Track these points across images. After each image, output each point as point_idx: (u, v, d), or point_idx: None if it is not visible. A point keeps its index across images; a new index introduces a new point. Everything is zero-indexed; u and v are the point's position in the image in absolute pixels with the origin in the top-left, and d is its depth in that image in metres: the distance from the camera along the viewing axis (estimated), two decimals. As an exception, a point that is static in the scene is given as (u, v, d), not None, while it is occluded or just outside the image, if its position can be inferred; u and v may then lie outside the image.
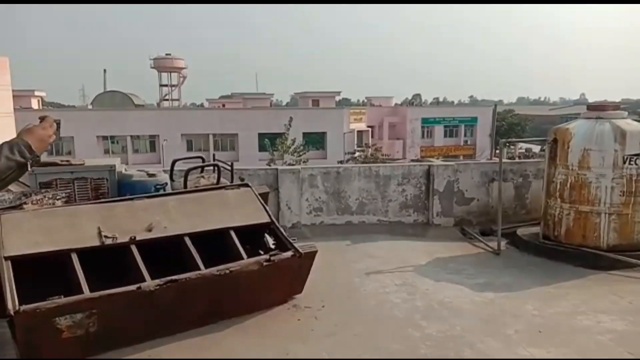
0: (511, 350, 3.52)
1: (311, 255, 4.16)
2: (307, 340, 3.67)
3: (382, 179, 6.81)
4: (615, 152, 5.21)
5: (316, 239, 6.02)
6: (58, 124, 2.04)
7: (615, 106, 5.68)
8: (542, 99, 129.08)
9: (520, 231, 6.21)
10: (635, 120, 5.71)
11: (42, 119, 2.03)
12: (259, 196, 4.38)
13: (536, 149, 31.80)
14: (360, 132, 46.23)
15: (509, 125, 48.40)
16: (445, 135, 49.00)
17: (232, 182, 5.22)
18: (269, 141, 24.99)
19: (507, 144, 29.28)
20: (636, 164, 5.18)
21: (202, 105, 69.13)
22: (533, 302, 4.35)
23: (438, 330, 3.82)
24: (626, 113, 5.64)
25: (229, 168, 5.58)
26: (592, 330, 3.84)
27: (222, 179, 5.04)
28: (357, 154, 34.92)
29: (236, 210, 4.18)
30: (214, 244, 3.90)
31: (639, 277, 4.95)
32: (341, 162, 33.05)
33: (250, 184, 4.51)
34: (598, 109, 5.63)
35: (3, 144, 1.90)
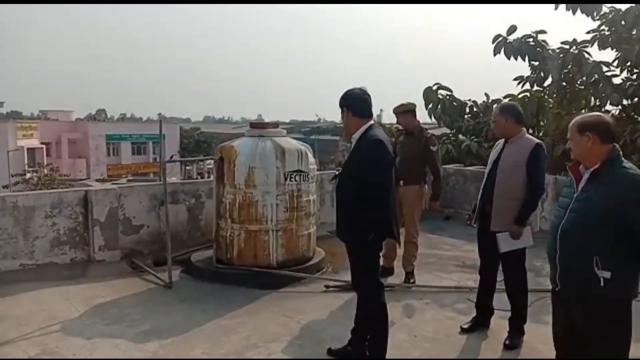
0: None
1: None
2: None
3: (23, 211, 5.36)
4: (277, 169, 5.24)
5: None
6: None
7: (275, 124, 5.79)
8: (226, 118, 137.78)
9: (195, 256, 5.74)
10: (299, 138, 5.95)
11: None
12: None
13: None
14: (32, 150, 41.00)
15: (196, 143, 49.63)
16: (133, 153, 46.96)
17: None
18: None
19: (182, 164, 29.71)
20: (295, 180, 5.32)
21: None
22: (203, 344, 3.85)
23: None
24: (285, 131, 5.81)
25: None
26: (262, 364, 3.55)
27: None
28: (28, 175, 30.31)
29: None
30: None
31: (305, 291, 5.06)
32: (6, 186, 27.99)
33: None
34: (259, 127, 5.63)
35: None
